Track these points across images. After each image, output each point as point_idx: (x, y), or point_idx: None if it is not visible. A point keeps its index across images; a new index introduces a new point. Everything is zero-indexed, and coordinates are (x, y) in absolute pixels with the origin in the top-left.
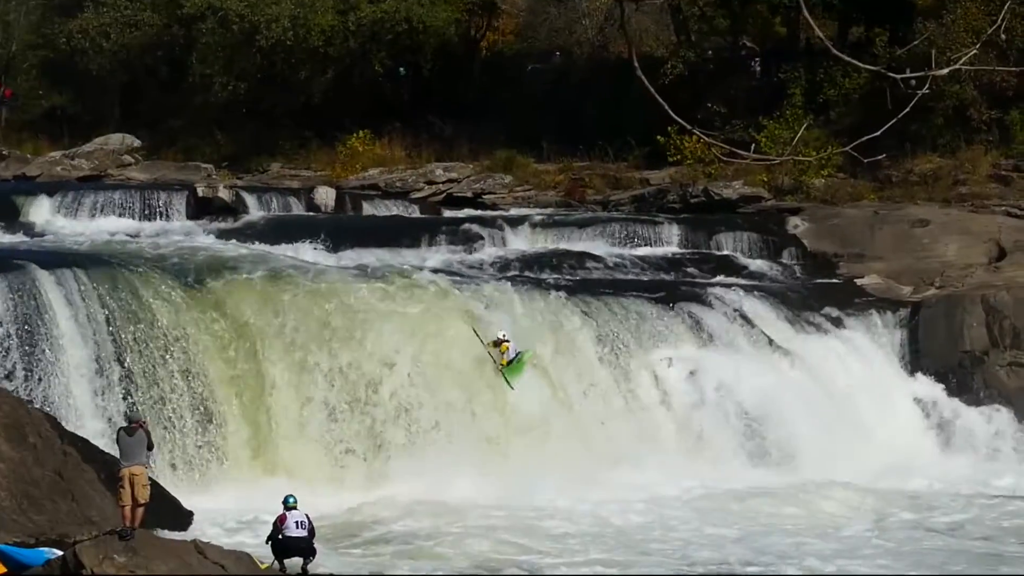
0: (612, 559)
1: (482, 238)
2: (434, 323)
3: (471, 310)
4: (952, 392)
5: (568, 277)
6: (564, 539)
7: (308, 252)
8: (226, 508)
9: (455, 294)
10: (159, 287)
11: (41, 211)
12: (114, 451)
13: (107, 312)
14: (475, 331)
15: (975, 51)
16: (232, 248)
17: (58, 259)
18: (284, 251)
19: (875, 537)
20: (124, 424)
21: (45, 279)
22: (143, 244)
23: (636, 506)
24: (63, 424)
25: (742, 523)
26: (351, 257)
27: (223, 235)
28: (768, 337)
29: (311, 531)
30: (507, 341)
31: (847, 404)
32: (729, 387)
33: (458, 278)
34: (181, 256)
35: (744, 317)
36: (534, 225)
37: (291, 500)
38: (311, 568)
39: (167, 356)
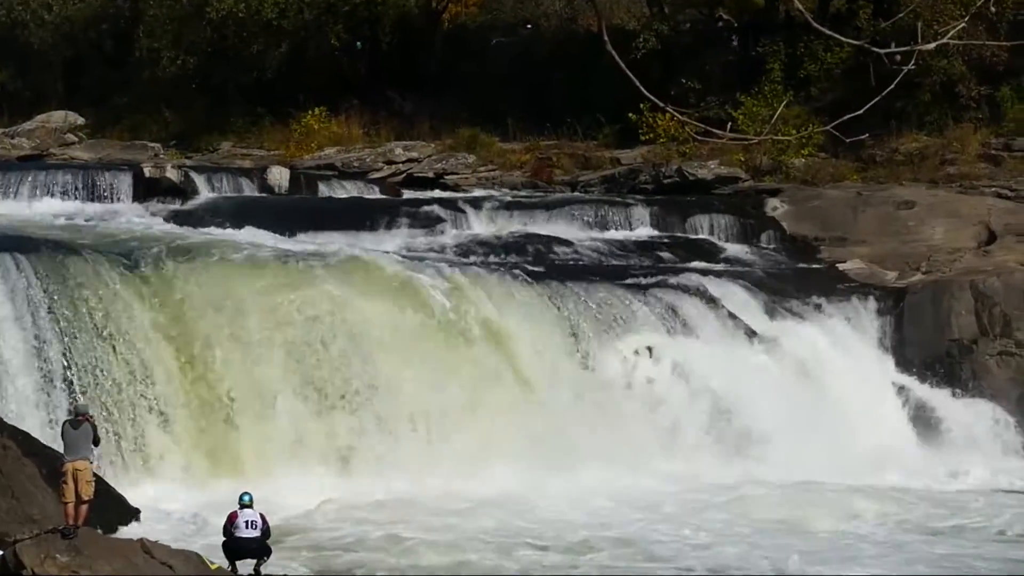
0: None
1: (444, 221)
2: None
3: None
4: (939, 383)
5: (536, 262)
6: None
7: (260, 236)
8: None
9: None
10: (102, 273)
11: None
12: (57, 445)
13: (49, 299)
14: None
15: (964, 24)
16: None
17: None
18: (234, 236)
19: (873, 540)
20: (69, 416)
21: None
22: (87, 227)
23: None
24: (2, 417)
25: (729, 524)
26: (307, 241)
27: (171, 218)
28: (746, 326)
29: (265, 531)
30: None
31: (829, 396)
32: (704, 378)
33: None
34: (127, 239)
35: (720, 304)
36: (499, 207)
37: (246, 498)
38: (264, 569)
39: (112, 345)
